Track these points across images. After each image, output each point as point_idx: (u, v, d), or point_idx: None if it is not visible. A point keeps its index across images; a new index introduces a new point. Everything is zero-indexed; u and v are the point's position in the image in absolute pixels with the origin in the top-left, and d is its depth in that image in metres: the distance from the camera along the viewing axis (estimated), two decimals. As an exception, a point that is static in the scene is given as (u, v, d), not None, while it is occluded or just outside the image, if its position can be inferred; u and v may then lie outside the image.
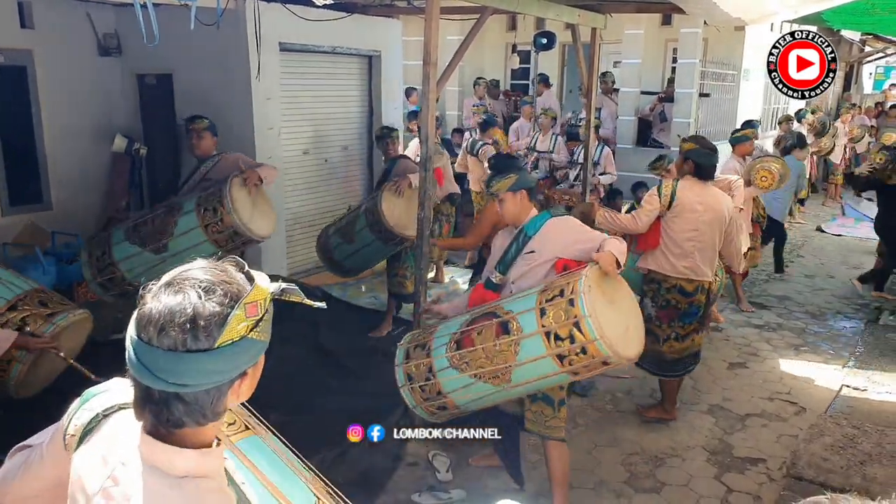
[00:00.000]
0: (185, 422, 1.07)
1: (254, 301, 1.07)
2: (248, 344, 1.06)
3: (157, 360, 1.02)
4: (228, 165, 4.36)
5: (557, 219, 3.19)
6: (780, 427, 4.39)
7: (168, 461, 1.07)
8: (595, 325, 2.69)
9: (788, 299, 6.90)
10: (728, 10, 4.65)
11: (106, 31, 6.26)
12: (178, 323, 1.02)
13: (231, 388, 1.09)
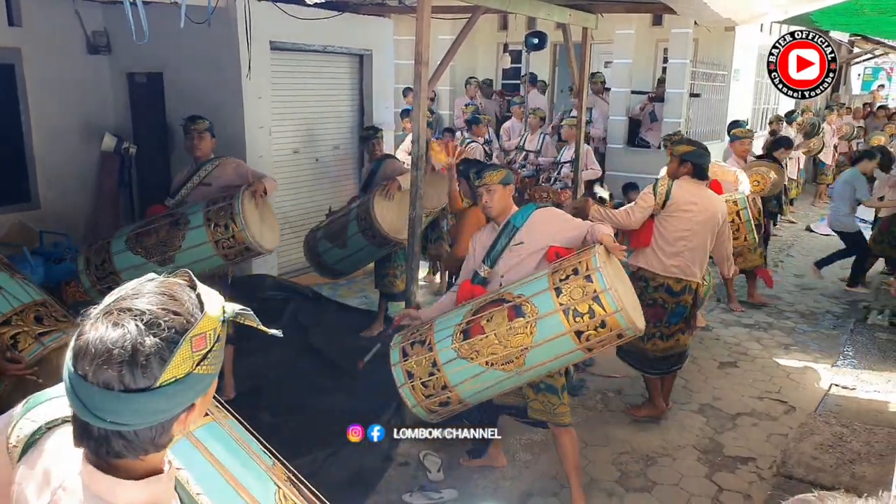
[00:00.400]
0: (127, 455, 1.00)
1: (201, 333, 0.98)
2: (194, 380, 0.98)
3: (93, 397, 0.94)
4: (228, 172, 4.27)
5: (542, 209, 3.32)
6: (771, 426, 4.41)
7: (109, 491, 1.01)
8: (615, 298, 2.80)
9: (778, 299, 6.93)
10: (718, 11, 4.68)
11: (95, 29, 6.21)
12: (116, 360, 0.93)
13: (176, 421, 1.01)
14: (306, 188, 6.57)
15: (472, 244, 3.44)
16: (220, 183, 4.21)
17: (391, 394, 4.41)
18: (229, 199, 4.00)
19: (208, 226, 3.95)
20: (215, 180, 4.23)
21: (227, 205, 3.98)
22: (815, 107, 14.30)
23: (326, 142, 6.75)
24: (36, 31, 5.76)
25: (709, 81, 10.10)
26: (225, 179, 4.22)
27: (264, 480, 1.51)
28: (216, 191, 4.19)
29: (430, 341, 3.11)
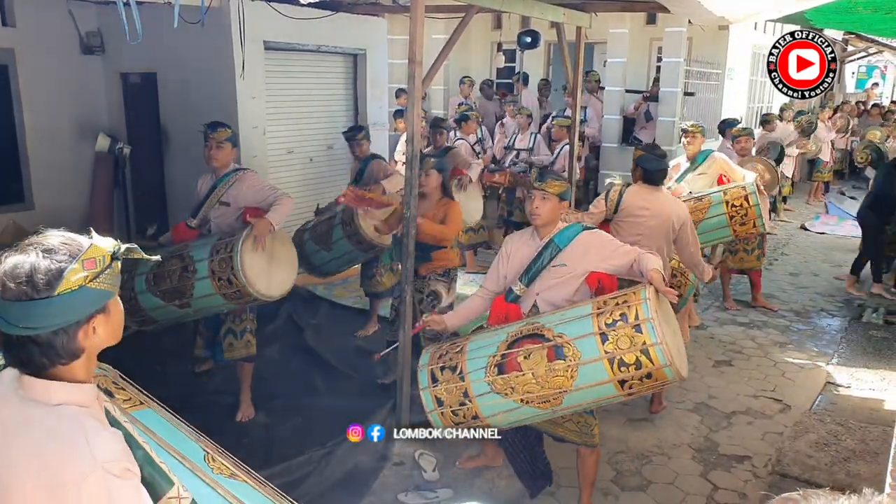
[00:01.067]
0: (45, 363, 1.25)
1: (91, 257, 1.25)
2: (88, 293, 1.24)
3: (7, 309, 1.21)
4: (245, 192, 3.97)
5: (589, 232, 3.16)
6: (766, 424, 4.41)
7: (44, 392, 1.26)
8: (665, 353, 2.68)
9: (773, 297, 6.95)
10: (712, 10, 4.69)
11: (89, 30, 6.20)
12: (18, 277, 1.20)
13: (80, 330, 1.26)
14: (300, 188, 6.56)
15: (506, 249, 3.29)
16: (239, 203, 3.98)
17: (386, 394, 4.44)
18: (229, 251, 3.74)
19: (213, 278, 3.76)
20: (233, 200, 3.99)
21: (227, 256, 3.74)
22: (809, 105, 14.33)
23: (320, 141, 6.74)
24: (29, 31, 5.75)
25: (703, 80, 10.12)
26: (243, 199, 3.97)
27: (195, 448, 1.75)
28: (234, 211, 3.98)
29: (461, 369, 2.99)
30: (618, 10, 6.52)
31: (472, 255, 7.16)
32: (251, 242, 3.76)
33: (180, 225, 4.19)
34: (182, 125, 6.04)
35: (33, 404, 1.26)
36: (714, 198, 5.07)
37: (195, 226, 4.11)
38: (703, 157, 5.49)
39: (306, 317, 5.72)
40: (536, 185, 3.11)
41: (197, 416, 4.09)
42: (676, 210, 4.04)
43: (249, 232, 3.77)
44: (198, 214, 4.09)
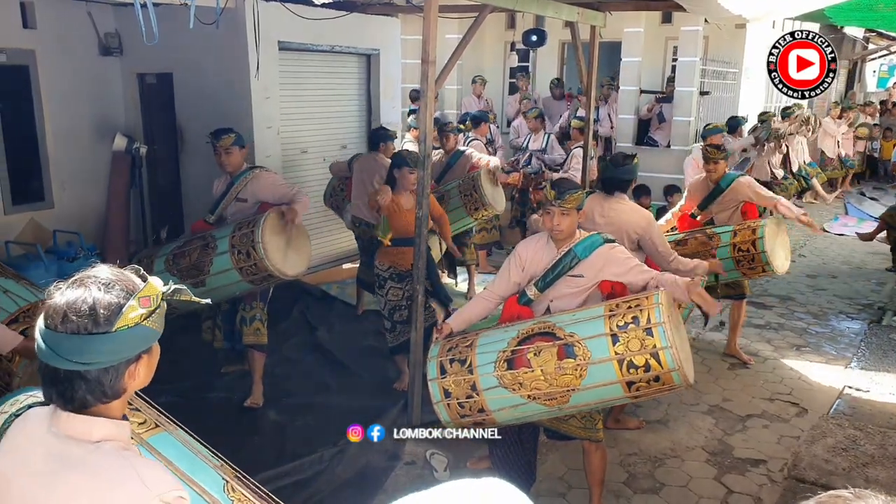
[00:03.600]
0: (89, 400, 1.24)
1: (147, 295, 1.26)
2: (142, 330, 1.25)
3: (61, 343, 1.20)
4: (264, 188, 4.14)
5: (610, 246, 3.12)
6: (782, 428, 4.36)
7: (85, 430, 1.24)
8: (674, 357, 2.72)
9: (790, 299, 6.87)
10: (729, 8, 4.64)
11: (107, 31, 6.26)
12: (80, 310, 1.20)
13: (127, 369, 1.26)
14: (314, 187, 6.58)
15: (520, 254, 3.24)
16: (257, 199, 4.13)
17: (398, 393, 4.44)
18: (252, 226, 3.92)
19: (232, 252, 3.91)
20: (251, 196, 4.14)
21: (249, 231, 3.91)
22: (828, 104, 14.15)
23: (334, 141, 6.76)
24: (49, 33, 5.82)
25: (719, 79, 10.02)
26: (261, 195, 4.13)
27: (213, 476, 1.71)
28: (252, 206, 4.13)
29: (471, 362, 3.01)
30: (632, 9, 6.47)
31: (484, 255, 7.14)
32: (273, 220, 3.94)
33: (198, 221, 4.33)
34: (197, 125, 6.08)
35: (72, 442, 1.23)
36: (724, 238, 4.83)
37: (213, 222, 4.25)
38: (728, 181, 5.00)
39: (319, 316, 5.74)
40: (556, 203, 3.03)
41: (211, 413, 4.14)
42: (633, 219, 3.84)
43: (272, 212, 3.95)
44: (216, 211, 4.23)
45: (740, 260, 4.79)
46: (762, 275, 5.00)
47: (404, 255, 4.34)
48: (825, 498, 0.88)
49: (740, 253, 4.80)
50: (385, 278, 4.52)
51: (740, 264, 4.81)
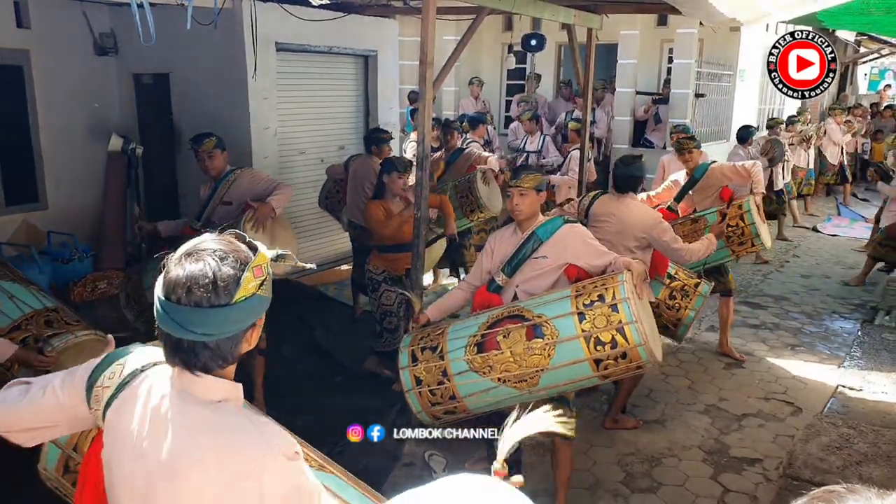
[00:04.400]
0: (210, 366, 1.30)
1: (259, 264, 1.30)
2: (258, 299, 1.30)
3: (186, 316, 1.25)
4: (244, 187, 4.14)
5: (570, 225, 3.24)
6: (777, 427, 4.39)
7: (205, 390, 1.31)
8: (640, 331, 2.76)
9: (784, 299, 6.92)
10: (724, 11, 4.67)
11: (102, 31, 6.24)
12: (202, 284, 1.24)
13: (244, 335, 1.32)
14: (312, 188, 6.59)
15: (490, 244, 3.38)
16: (240, 200, 4.11)
17: (396, 393, 4.44)
18: (233, 227, 3.88)
19: None
20: (235, 198, 4.12)
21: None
22: (821, 107, 14.24)
23: (332, 142, 6.76)
24: (44, 32, 5.80)
25: (714, 81, 10.08)
26: (243, 196, 4.11)
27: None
28: (237, 209, 4.09)
29: (441, 349, 3.05)
30: (629, 12, 6.51)
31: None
32: (252, 223, 3.89)
33: (185, 229, 4.22)
34: (194, 126, 6.05)
35: (194, 401, 1.31)
36: (710, 218, 4.94)
37: (199, 228, 4.11)
38: (702, 170, 5.18)
39: (317, 317, 5.74)
40: (512, 184, 3.21)
41: None
42: (641, 217, 4.01)
43: (252, 214, 3.90)
44: (202, 217, 4.18)
45: (730, 236, 4.94)
46: (751, 250, 5.15)
47: (398, 260, 4.39)
48: (819, 493, 0.89)
49: (730, 229, 4.93)
50: (378, 281, 4.54)
51: (730, 240, 4.96)
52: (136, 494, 1.33)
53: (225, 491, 1.26)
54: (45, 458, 1.89)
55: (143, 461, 1.31)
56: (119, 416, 1.37)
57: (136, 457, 1.32)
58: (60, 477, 1.87)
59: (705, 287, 4.54)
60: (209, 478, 1.26)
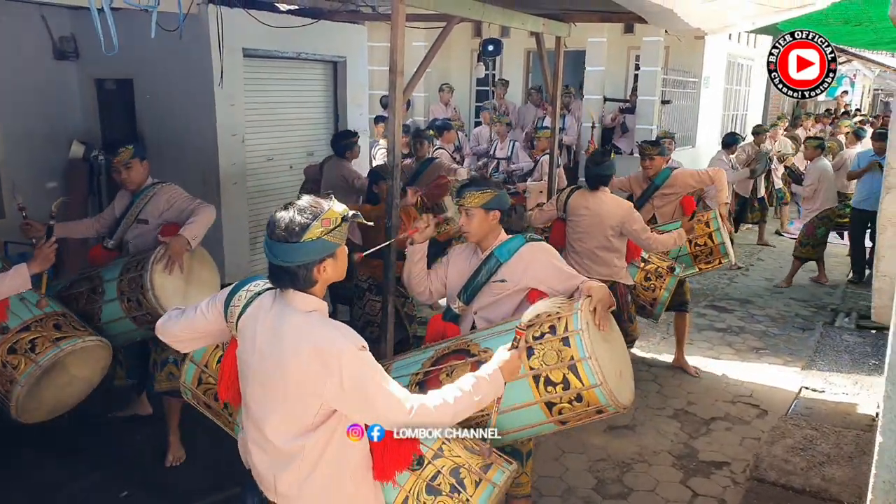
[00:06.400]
0: (292, 285, 1.87)
1: (328, 217, 1.84)
2: (323, 242, 1.83)
3: (272, 247, 1.84)
4: (162, 206, 3.71)
5: (533, 244, 2.89)
6: (744, 430, 4.47)
7: (302, 303, 1.88)
8: (595, 369, 2.35)
9: (749, 302, 7.05)
10: (688, 21, 4.76)
11: (62, 35, 6.09)
12: (283, 226, 1.82)
13: (316, 267, 1.86)
14: (280, 195, 6.52)
15: (446, 261, 3.08)
16: (158, 220, 3.69)
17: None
18: (140, 268, 3.44)
19: (122, 300, 3.45)
20: (151, 217, 3.70)
21: (137, 275, 3.43)
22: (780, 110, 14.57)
23: (300, 149, 6.70)
24: (0, 36, 5.64)
25: (679, 88, 10.26)
26: (161, 215, 3.69)
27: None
28: (154, 229, 3.69)
29: None
30: (596, 21, 6.58)
31: None
32: (165, 263, 3.43)
33: (96, 247, 3.89)
34: (159, 133, 5.96)
35: (293, 310, 1.87)
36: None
37: (112, 247, 3.82)
38: (663, 176, 5.16)
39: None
40: (457, 203, 2.88)
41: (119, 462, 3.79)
42: (613, 210, 4.27)
43: (163, 251, 3.44)
44: (114, 235, 3.79)
45: (698, 255, 5.02)
46: (717, 266, 5.20)
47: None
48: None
49: (697, 248, 5.01)
50: (364, 290, 4.50)
51: (698, 259, 5.04)
52: (257, 378, 1.92)
53: (318, 370, 1.80)
54: (185, 373, 2.53)
55: (262, 354, 1.89)
56: (246, 324, 1.96)
57: (256, 352, 1.90)
58: (195, 387, 2.51)
59: (677, 268, 4.77)
60: (306, 361, 1.80)
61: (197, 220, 3.53)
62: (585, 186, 4.43)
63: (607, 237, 4.29)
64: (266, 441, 1.92)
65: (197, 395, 2.52)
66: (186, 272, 3.54)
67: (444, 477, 2.13)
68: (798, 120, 12.66)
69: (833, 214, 7.56)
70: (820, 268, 7.80)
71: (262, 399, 1.92)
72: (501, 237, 2.92)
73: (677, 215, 5.17)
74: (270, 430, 1.90)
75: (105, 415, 4.13)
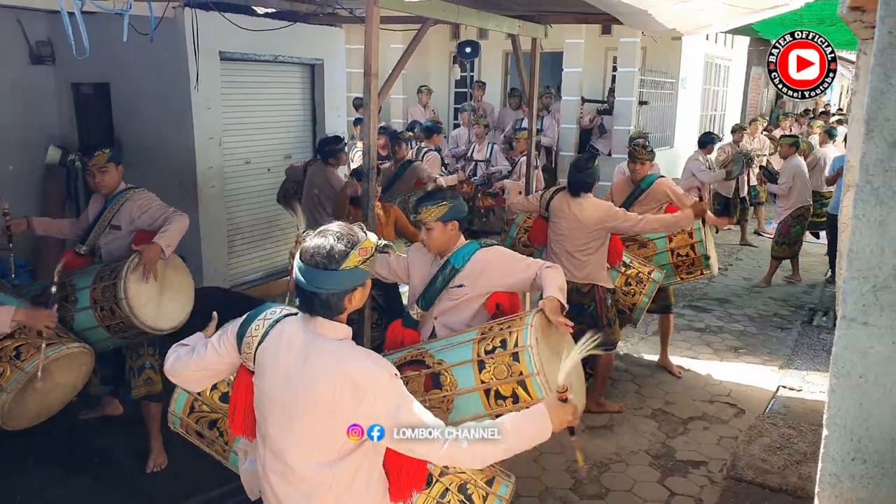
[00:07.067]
0: (321, 312, 1.83)
1: (365, 247, 1.83)
2: (359, 272, 1.82)
3: (308, 273, 1.80)
4: (134, 211, 3.66)
5: (487, 249, 2.94)
6: (721, 429, 4.50)
7: (332, 330, 1.85)
8: (543, 384, 2.40)
9: (728, 302, 7.11)
10: (663, 22, 4.80)
11: (39, 39, 6.03)
12: (322, 253, 1.79)
13: (347, 295, 1.83)
14: (258, 198, 6.49)
15: (409, 256, 3.10)
16: (130, 226, 3.66)
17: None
18: (114, 276, 3.42)
19: (95, 308, 3.43)
20: (124, 222, 3.67)
21: (111, 284, 3.40)
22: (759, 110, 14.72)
23: (278, 151, 6.68)
24: (-24, 41, 5.58)
25: (657, 89, 10.33)
26: (135, 222, 3.66)
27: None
28: (126, 235, 3.66)
29: None
30: (572, 22, 6.63)
31: None
32: (139, 273, 3.41)
33: (68, 253, 3.84)
34: (136, 136, 5.92)
35: (322, 338, 1.83)
36: (658, 245, 4.95)
37: (84, 253, 3.77)
38: (649, 182, 5.14)
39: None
40: (414, 219, 2.87)
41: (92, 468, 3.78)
42: (592, 214, 4.24)
43: (137, 260, 3.42)
44: (87, 240, 3.75)
45: (679, 265, 4.97)
46: (698, 277, 5.17)
47: None
48: None
49: (679, 258, 4.98)
50: None
51: (679, 269, 5.00)
52: (279, 406, 1.86)
53: (351, 399, 1.76)
54: (174, 403, 2.48)
55: (288, 381, 1.83)
56: (266, 353, 1.89)
57: (281, 379, 1.85)
58: (186, 416, 2.48)
59: (657, 274, 4.73)
60: (337, 389, 1.76)
61: (171, 228, 3.52)
62: (566, 191, 4.40)
63: (586, 241, 4.28)
64: (289, 470, 1.87)
65: (187, 424, 2.47)
66: (160, 280, 3.52)
67: (452, 494, 2.20)
68: (777, 120, 12.82)
69: (808, 213, 7.65)
70: (794, 266, 7.89)
71: (286, 428, 1.86)
72: (460, 243, 2.95)
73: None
74: (294, 459, 1.85)
75: (76, 416, 4.07)
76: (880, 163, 1.60)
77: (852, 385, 1.79)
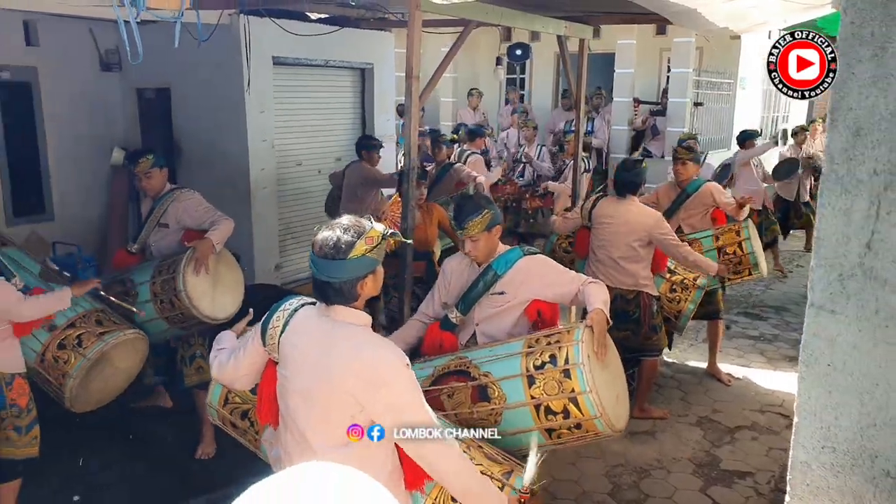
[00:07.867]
0: (336, 300, 1.92)
1: (371, 236, 1.90)
2: (367, 259, 1.90)
3: (318, 263, 1.90)
4: (181, 212, 3.87)
5: (531, 258, 2.92)
6: (771, 440, 4.34)
7: (355, 317, 1.94)
8: (595, 402, 2.45)
9: (785, 310, 6.86)
10: (714, 21, 4.69)
11: (108, 47, 6.36)
12: (330, 244, 1.88)
13: (358, 283, 1.91)
14: (309, 199, 6.65)
15: (445, 272, 3.08)
16: (178, 224, 3.88)
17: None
18: (172, 271, 3.63)
19: (155, 301, 3.65)
20: (172, 220, 3.89)
21: (170, 277, 3.63)
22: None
23: (329, 154, 6.83)
24: (51, 50, 5.93)
25: (714, 90, 10.06)
26: (181, 221, 3.88)
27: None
28: (175, 232, 3.88)
29: None
30: (619, 23, 6.53)
31: None
32: (193, 266, 3.63)
33: (120, 251, 4.10)
34: (194, 138, 6.17)
35: (341, 324, 1.92)
36: (705, 243, 4.82)
37: (136, 251, 4.00)
38: (695, 186, 4.98)
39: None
40: (460, 234, 2.87)
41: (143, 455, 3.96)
42: (640, 220, 4.16)
43: (191, 254, 3.64)
44: (138, 239, 3.99)
45: (726, 264, 4.83)
46: (746, 279, 5.03)
47: (416, 267, 4.46)
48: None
49: (726, 256, 4.85)
50: (388, 286, 4.58)
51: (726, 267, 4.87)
52: (301, 393, 1.94)
53: (366, 384, 1.84)
54: (210, 394, 2.56)
55: (308, 368, 1.91)
56: (288, 342, 1.98)
57: (302, 366, 1.93)
58: (221, 407, 2.54)
59: (703, 280, 4.61)
60: (352, 379, 1.84)
61: (220, 228, 3.76)
62: (612, 193, 4.34)
63: (631, 246, 4.18)
64: (311, 451, 1.94)
65: (222, 415, 2.57)
66: (213, 273, 3.74)
67: None
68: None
69: None
70: None
71: (306, 411, 1.94)
72: (500, 249, 2.93)
73: (705, 225, 5.02)
74: (315, 440, 1.93)
75: (128, 405, 4.24)
76: (844, 151, 1.59)
77: (821, 373, 1.76)
